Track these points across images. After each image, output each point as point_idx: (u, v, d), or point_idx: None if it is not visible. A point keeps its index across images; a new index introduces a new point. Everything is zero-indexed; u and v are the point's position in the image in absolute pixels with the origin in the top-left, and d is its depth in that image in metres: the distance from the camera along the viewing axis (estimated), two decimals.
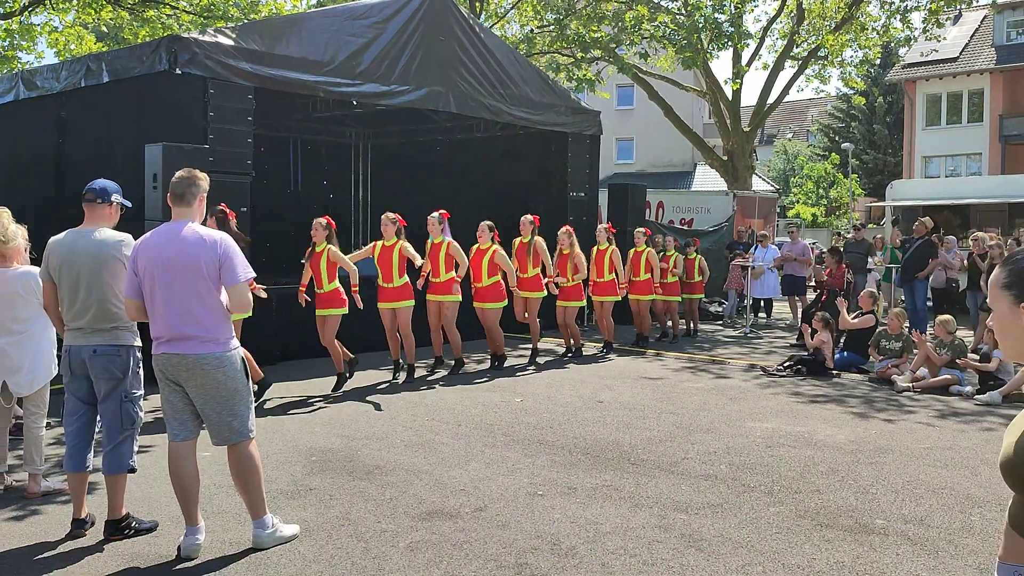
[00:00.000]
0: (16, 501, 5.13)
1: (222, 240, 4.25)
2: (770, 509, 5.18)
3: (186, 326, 4.18)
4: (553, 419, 7.51)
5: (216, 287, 4.22)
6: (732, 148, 23.95)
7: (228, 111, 9.46)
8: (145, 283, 4.22)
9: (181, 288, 4.17)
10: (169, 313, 4.19)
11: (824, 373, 10.02)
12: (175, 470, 4.34)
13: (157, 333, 4.25)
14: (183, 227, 4.25)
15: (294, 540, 4.49)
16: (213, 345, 4.21)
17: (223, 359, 4.24)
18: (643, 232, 12.20)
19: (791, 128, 58.11)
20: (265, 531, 4.38)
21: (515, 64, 13.26)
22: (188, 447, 4.37)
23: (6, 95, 11.66)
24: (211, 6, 15.87)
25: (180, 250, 4.18)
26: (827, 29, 22.24)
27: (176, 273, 4.16)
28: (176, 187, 4.33)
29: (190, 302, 4.17)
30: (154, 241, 4.27)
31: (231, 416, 4.29)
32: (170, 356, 4.22)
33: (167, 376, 4.28)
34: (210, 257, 4.18)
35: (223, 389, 4.25)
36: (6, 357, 5.16)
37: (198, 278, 4.17)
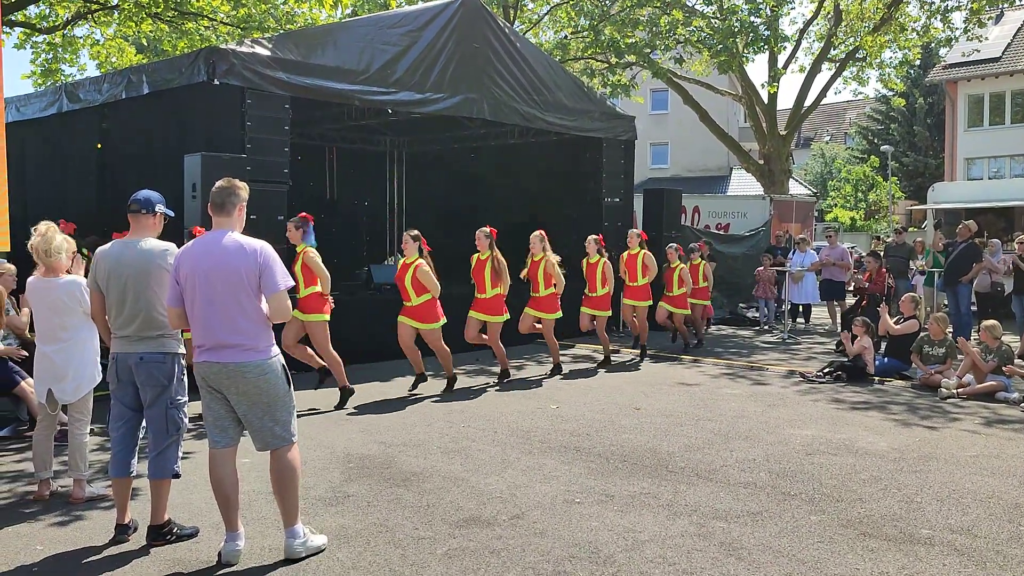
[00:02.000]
0: (61, 507, 5.21)
1: (262, 249, 4.29)
2: (811, 518, 5.10)
3: (227, 334, 4.22)
4: (590, 426, 7.47)
5: (256, 295, 4.26)
6: (768, 152, 23.72)
7: (265, 121, 9.57)
8: (186, 292, 4.28)
9: (222, 297, 4.21)
10: (210, 321, 4.23)
11: (865, 379, 9.86)
12: (216, 476, 4.38)
13: (198, 341, 4.30)
14: (224, 236, 4.30)
15: (324, 550, 4.46)
16: (254, 353, 4.25)
17: (264, 366, 4.27)
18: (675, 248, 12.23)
19: (828, 131, 57.43)
20: (296, 540, 4.38)
21: (549, 70, 13.26)
22: (228, 454, 4.41)
23: (50, 107, 11.90)
24: (248, 17, 16.08)
25: (220, 259, 4.23)
26: (865, 30, 21.96)
27: (217, 282, 4.21)
28: (216, 196, 4.38)
29: (231, 310, 4.21)
30: (195, 250, 4.32)
31: (273, 422, 4.33)
32: (211, 364, 4.26)
33: (208, 384, 4.32)
34: (250, 266, 4.22)
35: (265, 396, 4.28)
36: (52, 365, 5.25)
37: (239, 287, 4.21)
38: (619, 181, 14.42)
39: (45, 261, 5.27)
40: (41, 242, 5.23)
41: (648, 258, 11.17)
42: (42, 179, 12.00)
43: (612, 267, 10.99)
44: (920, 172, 41.49)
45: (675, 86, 24.37)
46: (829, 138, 56.20)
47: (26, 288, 5.43)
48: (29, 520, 4.98)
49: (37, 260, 5.31)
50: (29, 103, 12.42)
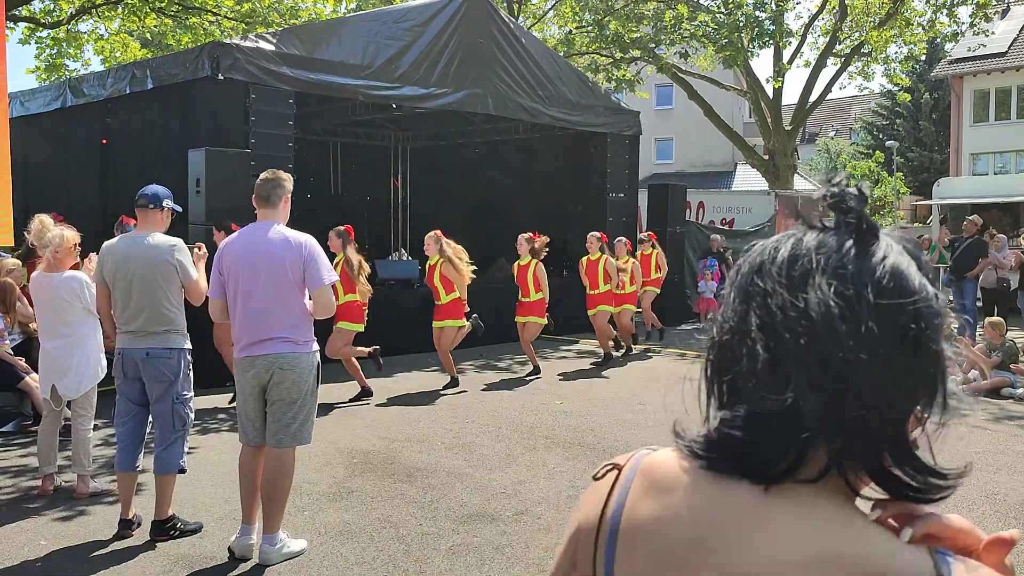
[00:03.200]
0: (65, 501, 5.21)
1: (307, 242, 4.26)
2: None
3: (268, 327, 4.19)
4: (594, 422, 7.46)
5: (300, 289, 4.23)
6: (773, 147, 23.64)
7: (269, 116, 9.55)
8: (229, 283, 4.25)
9: (265, 289, 4.18)
10: (253, 314, 4.20)
11: None
12: (245, 471, 4.37)
13: (238, 335, 4.27)
14: (269, 228, 4.27)
15: (303, 554, 4.37)
16: (293, 346, 4.23)
17: (300, 359, 4.25)
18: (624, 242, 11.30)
19: (833, 126, 57.29)
20: (274, 546, 4.28)
21: (553, 65, 13.22)
22: (260, 452, 4.38)
23: (54, 102, 11.90)
24: (252, 12, 16.05)
25: (265, 251, 4.19)
26: (871, 25, 21.86)
27: (261, 274, 4.17)
28: (262, 189, 4.35)
29: (274, 303, 4.19)
30: (240, 242, 4.29)
31: (292, 419, 4.30)
32: (253, 359, 4.22)
33: (248, 378, 4.28)
34: (295, 259, 4.19)
35: (295, 391, 4.26)
36: (54, 361, 5.25)
37: (282, 279, 4.18)
38: (623, 176, 14.38)
39: (43, 255, 5.26)
40: (33, 236, 5.24)
41: (610, 264, 10.58)
42: (46, 174, 12.00)
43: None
44: (925, 167, 41.35)
45: (680, 81, 24.29)
46: (834, 133, 56.06)
47: (30, 284, 5.42)
48: (33, 515, 4.98)
49: (41, 254, 5.30)
50: (34, 98, 12.43)
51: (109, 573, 4.17)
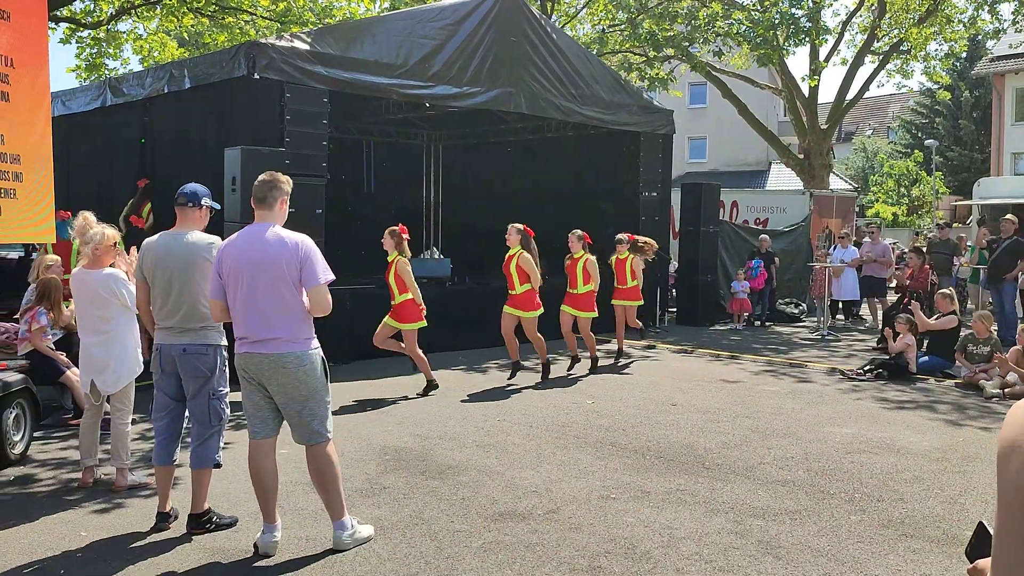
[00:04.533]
0: (104, 494, 5.31)
1: (303, 242, 4.31)
2: (851, 517, 5.03)
3: (267, 326, 4.25)
4: (626, 421, 7.43)
5: (297, 288, 4.28)
6: (809, 146, 23.40)
7: (304, 114, 9.63)
8: (229, 284, 4.32)
9: (263, 289, 4.24)
10: (251, 314, 4.27)
11: (907, 377, 9.69)
12: (255, 467, 4.43)
13: (240, 333, 4.34)
14: (266, 229, 4.33)
15: (371, 540, 4.52)
16: (294, 345, 4.28)
17: (303, 358, 4.30)
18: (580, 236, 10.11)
19: (871, 125, 56.52)
20: (344, 532, 4.43)
21: (587, 63, 13.19)
22: (268, 445, 4.45)
23: (94, 101, 12.09)
24: (287, 12, 16.20)
25: (262, 252, 4.26)
26: (910, 22, 21.55)
27: (258, 274, 4.24)
28: (258, 190, 4.41)
29: (271, 303, 4.25)
30: (238, 243, 4.36)
31: (310, 416, 4.36)
32: (252, 356, 4.30)
33: (249, 375, 4.36)
34: (291, 259, 4.25)
35: (303, 388, 4.31)
36: (93, 356, 5.35)
37: (279, 279, 4.24)
38: (657, 175, 14.31)
39: (84, 251, 5.37)
40: (76, 231, 5.35)
41: (591, 264, 9.81)
42: (86, 172, 12.20)
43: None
44: (965, 167, 40.68)
45: (714, 80, 24.13)
46: (871, 132, 55.30)
47: (70, 280, 5.52)
48: (73, 507, 5.08)
49: (81, 251, 5.42)
50: (75, 98, 12.64)
51: (147, 565, 4.24)
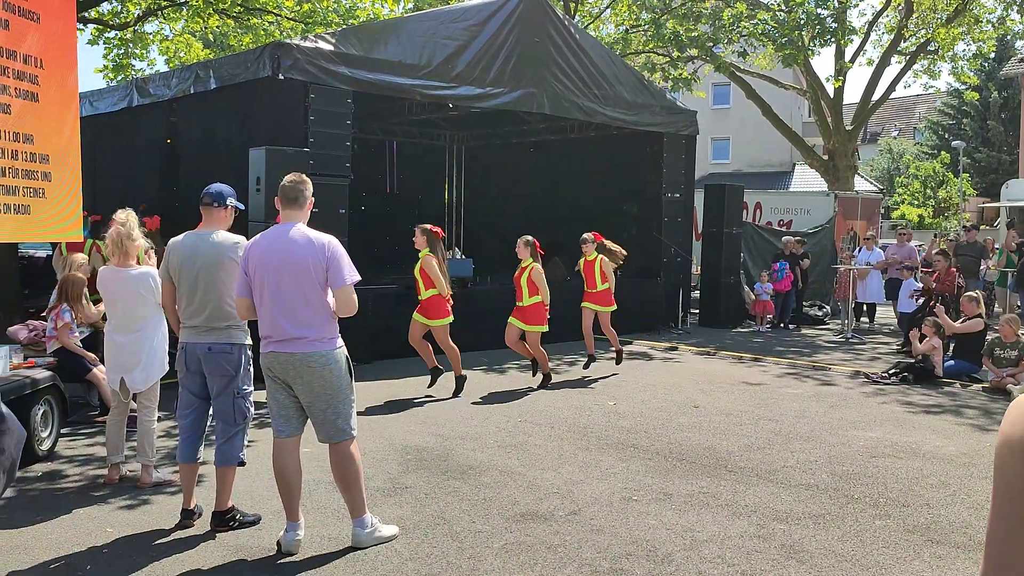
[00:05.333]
0: (130, 491, 5.36)
1: (329, 243, 4.33)
2: (876, 522, 4.98)
3: (293, 326, 4.27)
4: (647, 423, 7.41)
5: (323, 288, 4.30)
6: (833, 147, 23.20)
7: (328, 115, 9.68)
8: (255, 283, 4.34)
9: (289, 288, 4.26)
10: (277, 313, 4.29)
11: (933, 381, 9.59)
12: (279, 465, 4.45)
13: (265, 332, 4.37)
14: (292, 229, 4.35)
15: (394, 539, 4.53)
16: (319, 344, 4.30)
17: (328, 357, 4.32)
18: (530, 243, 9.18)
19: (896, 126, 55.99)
20: (364, 530, 4.45)
21: (610, 64, 13.16)
22: (292, 443, 4.47)
23: (121, 102, 12.23)
24: (311, 13, 16.28)
25: (288, 251, 4.28)
26: (938, 22, 21.33)
27: (284, 274, 4.26)
28: (289, 191, 4.43)
29: (297, 302, 4.27)
30: (264, 243, 4.38)
31: (335, 415, 4.38)
32: (277, 355, 4.32)
33: (274, 374, 4.39)
34: (317, 259, 4.26)
35: (328, 387, 4.33)
36: (124, 354, 5.41)
37: (305, 279, 4.26)
38: (679, 176, 14.26)
39: (121, 249, 5.39)
40: (124, 230, 5.35)
41: (536, 274, 8.98)
42: (112, 172, 12.34)
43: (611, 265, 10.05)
44: (993, 168, 40.19)
45: (738, 80, 23.99)
46: (897, 133, 54.78)
47: (99, 278, 5.58)
48: (100, 503, 5.13)
49: (112, 250, 5.43)
50: (102, 98, 12.79)
51: (171, 561, 4.28)
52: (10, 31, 5.63)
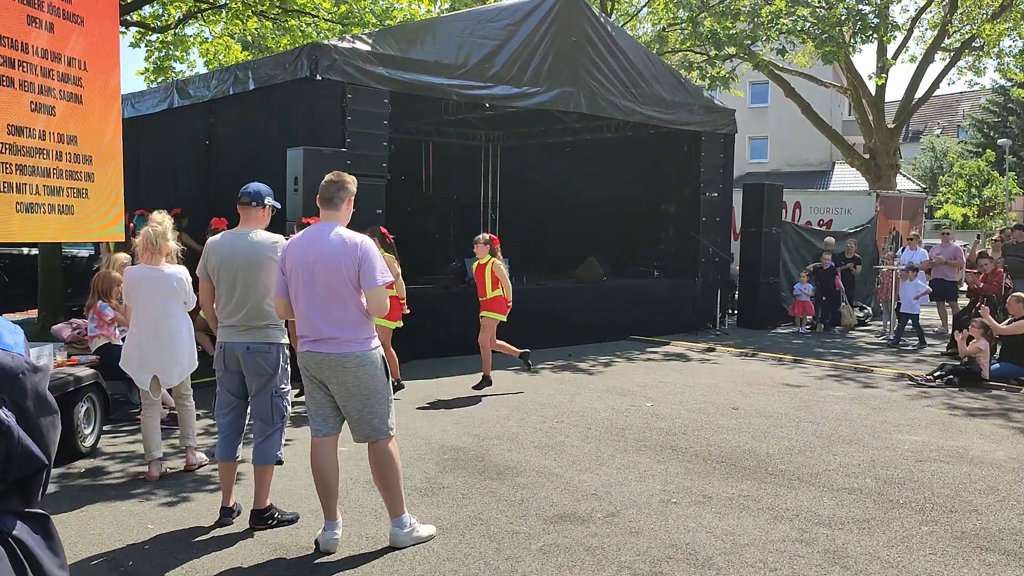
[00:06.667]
0: (170, 488, 5.41)
1: (362, 243, 4.32)
2: (922, 528, 4.86)
3: (328, 326, 4.27)
4: (686, 425, 7.32)
5: (356, 289, 4.30)
6: (875, 146, 22.84)
7: (365, 115, 9.71)
8: (291, 283, 4.35)
9: (324, 289, 4.27)
10: (312, 313, 4.29)
11: (979, 384, 9.37)
12: (317, 465, 4.46)
13: (301, 331, 4.38)
14: (329, 229, 4.35)
15: (431, 540, 4.51)
16: (354, 344, 4.30)
17: (363, 358, 4.31)
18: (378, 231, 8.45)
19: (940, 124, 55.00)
20: (403, 530, 4.43)
21: (647, 63, 13.06)
22: (330, 443, 4.48)
23: (162, 103, 12.39)
24: (349, 14, 16.37)
25: (323, 251, 4.28)
26: (983, 18, 20.90)
27: (319, 274, 4.27)
28: (325, 190, 4.43)
29: (332, 302, 4.27)
30: (302, 242, 4.39)
31: (371, 414, 4.37)
32: (314, 355, 4.33)
33: (311, 373, 4.39)
34: (350, 259, 4.26)
35: (364, 387, 4.32)
36: (161, 351, 5.51)
37: (338, 279, 4.25)
38: (717, 176, 14.11)
39: (154, 248, 5.49)
40: (159, 230, 5.50)
41: (498, 268, 8.74)
42: (153, 173, 12.51)
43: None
44: None
45: (776, 78, 23.72)
46: (940, 131, 53.80)
47: (128, 276, 5.65)
48: (141, 499, 5.18)
49: (144, 248, 5.53)
50: (143, 100, 12.96)
51: (211, 558, 4.30)
52: (55, 34, 5.71)
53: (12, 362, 1.37)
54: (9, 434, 1.33)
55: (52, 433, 1.44)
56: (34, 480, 1.40)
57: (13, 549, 1.36)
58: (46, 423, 1.42)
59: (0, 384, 1.35)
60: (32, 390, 1.39)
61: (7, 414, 1.33)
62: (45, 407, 1.42)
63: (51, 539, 1.44)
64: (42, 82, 5.57)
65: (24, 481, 1.39)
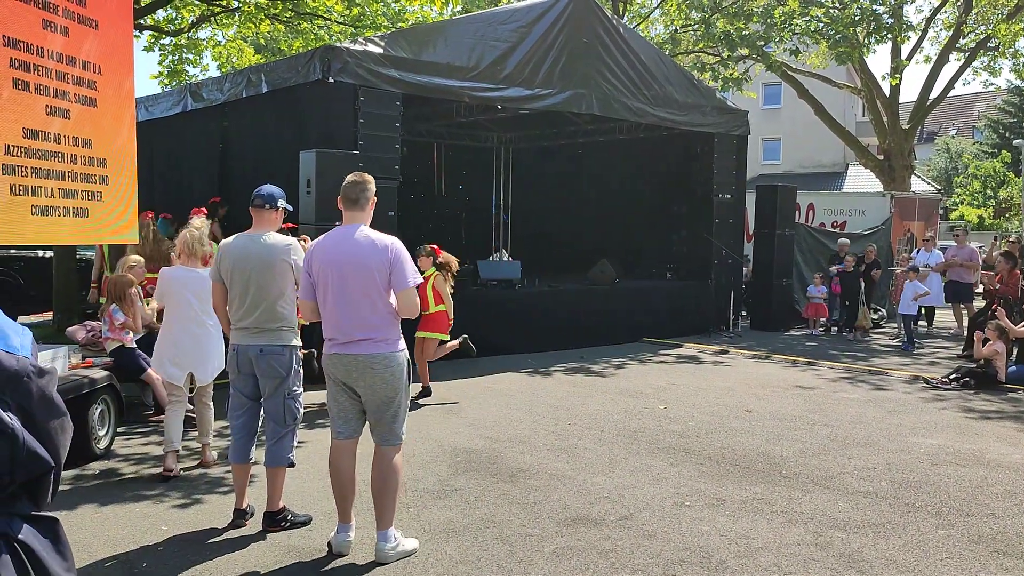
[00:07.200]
0: (184, 489, 5.42)
1: (392, 245, 4.31)
2: (938, 532, 4.82)
3: (357, 328, 4.25)
4: (699, 428, 7.29)
5: (386, 290, 4.28)
6: (889, 147, 22.71)
7: (377, 118, 9.72)
8: (319, 285, 4.33)
9: (353, 290, 4.25)
10: (341, 315, 4.27)
11: (995, 387, 9.29)
12: (336, 467, 4.44)
13: (329, 334, 4.35)
14: (356, 230, 4.34)
15: (414, 554, 4.38)
16: (383, 345, 4.28)
17: (391, 359, 4.30)
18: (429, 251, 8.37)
19: (955, 124, 54.66)
20: (387, 544, 4.32)
21: (659, 64, 13.02)
22: (350, 445, 4.46)
23: (176, 106, 12.44)
24: (361, 16, 16.40)
25: (353, 253, 4.27)
26: (998, 18, 20.75)
27: (349, 276, 4.25)
28: (350, 191, 4.42)
29: (361, 304, 4.25)
30: (328, 244, 4.37)
31: (392, 417, 4.36)
32: (342, 356, 4.30)
33: (337, 376, 4.36)
34: (382, 261, 4.24)
35: (388, 390, 4.31)
36: (199, 348, 5.77)
37: (369, 281, 4.24)
38: (731, 177, 14.06)
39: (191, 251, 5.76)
40: (197, 234, 5.80)
41: (439, 282, 8.29)
42: (167, 176, 12.57)
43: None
44: None
45: (789, 79, 23.63)
46: (955, 132, 53.46)
47: (166, 276, 5.86)
48: (154, 501, 5.20)
49: (182, 250, 5.83)
50: (157, 103, 13.03)
51: (224, 560, 4.31)
52: (70, 38, 5.74)
53: (17, 365, 1.37)
54: (13, 436, 1.33)
55: (62, 436, 1.44)
56: (42, 482, 1.40)
57: (18, 553, 1.35)
58: (55, 426, 1.42)
59: (4, 387, 1.34)
60: (38, 393, 1.39)
61: (11, 417, 1.33)
62: (53, 410, 1.42)
63: (59, 542, 1.43)
64: (57, 86, 5.60)
65: (32, 483, 1.39)
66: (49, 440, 1.40)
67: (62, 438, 1.44)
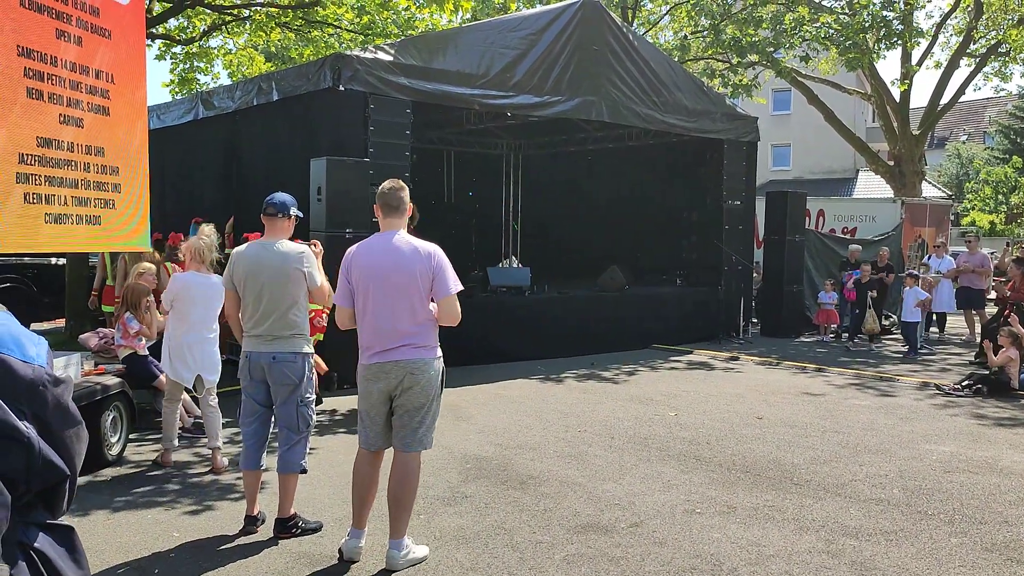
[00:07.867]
0: (195, 496, 5.44)
1: (435, 252, 4.32)
2: (951, 540, 4.79)
3: (398, 334, 4.25)
4: (710, 435, 7.27)
5: (427, 297, 4.29)
6: (899, 153, 22.64)
7: (387, 125, 9.76)
8: (359, 292, 4.33)
9: (395, 297, 4.24)
10: (381, 322, 4.27)
11: (1008, 394, 9.24)
12: (360, 474, 4.44)
13: (367, 342, 4.34)
14: (396, 236, 4.35)
15: (424, 560, 4.39)
16: (423, 351, 4.28)
17: (430, 365, 4.30)
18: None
19: (965, 130, 54.42)
20: (400, 552, 4.32)
21: (669, 71, 13.03)
22: (377, 456, 4.46)
23: (187, 115, 12.52)
24: (371, 24, 16.47)
25: (395, 260, 4.27)
26: (1009, 24, 20.69)
27: (390, 283, 4.24)
28: (390, 198, 4.41)
29: (403, 311, 4.25)
30: (367, 251, 4.37)
31: (420, 424, 4.35)
32: (383, 364, 4.28)
33: (372, 384, 4.33)
34: (425, 268, 4.25)
35: (423, 395, 4.31)
36: (207, 353, 5.97)
37: (412, 288, 4.24)
38: (740, 183, 14.05)
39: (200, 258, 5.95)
40: (207, 242, 6.00)
41: None
42: (178, 183, 12.64)
43: None
44: None
45: (799, 86, 23.60)
46: (966, 137, 53.23)
47: (178, 282, 6.04)
48: (166, 508, 5.22)
49: (192, 257, 6.01)
50: (168, 111, 13.11)
51: (235, 567, 4.32)
52: (83, 47, 5.79)
53: (33, 374, 1.38)
54: (29, 446, 1.34)
55: (78, 444, 1.45)
56: (58, 491, 1.41)
57: (34, 561, 1.37)
58: (70, 434, 1.43)
59: (20, 396, 1.35)
60: (53, 402, 1.40)
61: (27, 426, 1.34)
62: (68, 419, 1.43)
63: (75, 551, 1.44)
64: (70, 95, 5.64)
65: (48, 492, 1.40)
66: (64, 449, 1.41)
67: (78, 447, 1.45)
